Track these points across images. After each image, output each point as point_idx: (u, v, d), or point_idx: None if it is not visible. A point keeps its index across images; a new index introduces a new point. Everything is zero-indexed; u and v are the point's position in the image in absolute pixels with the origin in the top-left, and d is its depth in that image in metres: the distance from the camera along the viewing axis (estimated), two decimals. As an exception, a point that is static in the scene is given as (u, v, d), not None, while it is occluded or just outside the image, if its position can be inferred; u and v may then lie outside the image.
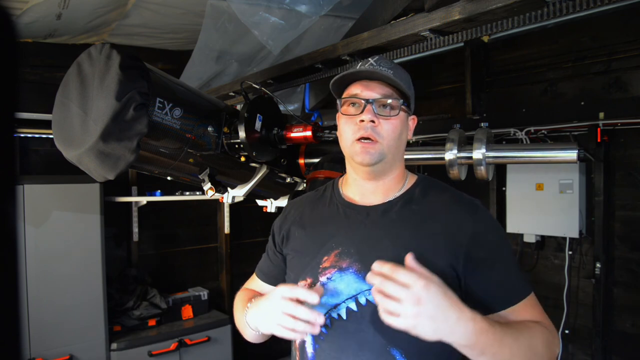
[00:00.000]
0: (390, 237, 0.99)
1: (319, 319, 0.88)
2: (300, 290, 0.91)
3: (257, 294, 1.17)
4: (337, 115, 1.10)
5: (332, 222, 1.08)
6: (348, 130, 1.02)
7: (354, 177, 1.08)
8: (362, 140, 0.99)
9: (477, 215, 0.99)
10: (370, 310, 0.93)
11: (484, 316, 0.84)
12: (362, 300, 0.95)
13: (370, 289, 0.92)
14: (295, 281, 1.06)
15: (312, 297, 0.89)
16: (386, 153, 1.00)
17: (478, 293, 0.95)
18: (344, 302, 0.97)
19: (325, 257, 1.03)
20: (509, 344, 0.85)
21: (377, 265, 0.84)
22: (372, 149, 0.99)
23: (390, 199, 1.05)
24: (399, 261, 0.92)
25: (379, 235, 1.00)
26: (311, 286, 1.02)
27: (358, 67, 1.03)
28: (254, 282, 1.26)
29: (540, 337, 0.91)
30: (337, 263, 1.00)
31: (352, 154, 1.02)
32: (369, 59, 1.04)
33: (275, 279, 1.18)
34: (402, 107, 1.01)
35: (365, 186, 1.07)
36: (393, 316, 0.80)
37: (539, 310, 0.98)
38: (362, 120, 0.99)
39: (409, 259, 0.85)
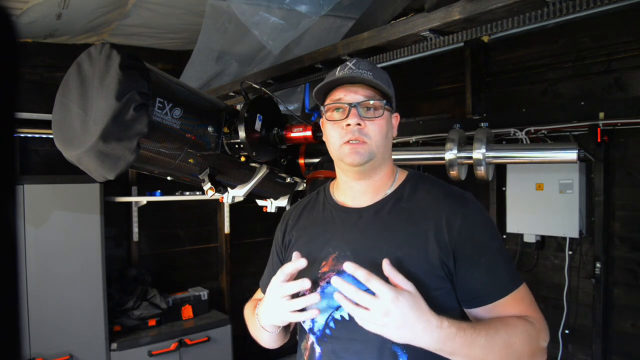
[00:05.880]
0: (383, 237, 1.01)
1: (305, 284, 0.94)
2: (287, 266, 0.97)
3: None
4: (321, 122, 1.12)
5: (327, 227, 1.10)
6: (335, 135, 1.04)
7: (344, 180, 1.10)
8: (351, 142, 1.01)
9: (466, 209, 1.00)
10: None
11: (454, 321, 0.88)
12: None
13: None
14: None
15: (300, 263, 0.96)
16: (375, 152, 1.02)
17: (465, 288, 0.97)
18: None
19: (324, 262, 1.05)
20: (481, 345, 0.88)
21: (350, 267, 0.87)
22: (361, 149, 1.01)
23: (381, 197, 1.07)
24: (393, 262, 0.94)
25: (372, 236, 1.02)
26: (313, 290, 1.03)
27: (338, 72, 1.05)
28: (259, 296, 1.28)
29: (519, 334, 0.92)
30: (335, 267, 1.02)
31: (341, 156, 1.04)
32: (347, 62, 1.06)
33: None
34: (386, 107, 1.03)
35: (355, 187, 1.09)
36: (363, 321, 0.86)
37: (527, 303, 0.99)
38: (349, 124, 1.01)
39: (386, 265, 0.89)
